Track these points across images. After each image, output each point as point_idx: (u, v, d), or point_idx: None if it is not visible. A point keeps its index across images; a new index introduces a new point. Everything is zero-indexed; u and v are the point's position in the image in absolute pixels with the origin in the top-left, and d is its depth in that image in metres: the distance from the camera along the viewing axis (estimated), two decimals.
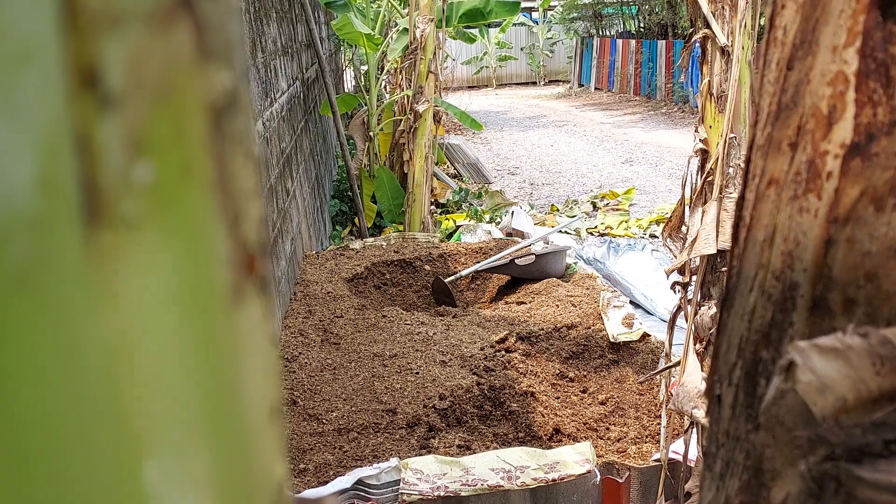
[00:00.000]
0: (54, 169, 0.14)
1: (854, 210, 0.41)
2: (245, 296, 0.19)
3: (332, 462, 2.23)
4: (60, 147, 0.14)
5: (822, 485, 0.40)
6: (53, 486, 0.16)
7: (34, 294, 0.14)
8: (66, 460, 0.16)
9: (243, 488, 0.22)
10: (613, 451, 2.30)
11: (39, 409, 0.15)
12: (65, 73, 0.14)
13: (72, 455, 0.16)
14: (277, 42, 4.00)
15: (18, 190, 0.13)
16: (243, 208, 0.18)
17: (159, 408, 0.17)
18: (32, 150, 0.14)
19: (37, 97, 0.14)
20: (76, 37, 0.14)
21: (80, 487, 0.16)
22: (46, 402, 0.15)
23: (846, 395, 0.39)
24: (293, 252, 3.73)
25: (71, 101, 0.14)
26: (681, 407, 1.50)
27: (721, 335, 0.52)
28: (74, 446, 0.16)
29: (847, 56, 0.40)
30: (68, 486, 0.16)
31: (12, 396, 0.14)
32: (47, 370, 0.15)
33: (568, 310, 3.33)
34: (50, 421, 0.15)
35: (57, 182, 0.14)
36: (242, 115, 0.18)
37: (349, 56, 8.90)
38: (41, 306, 0.14)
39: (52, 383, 0.15)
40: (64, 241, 0.14)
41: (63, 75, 0.14)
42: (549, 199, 7.42)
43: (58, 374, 0.15)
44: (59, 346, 0.15)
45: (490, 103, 15.98)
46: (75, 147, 0.14)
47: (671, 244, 1.89)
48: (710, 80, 1.69)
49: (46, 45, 0.14)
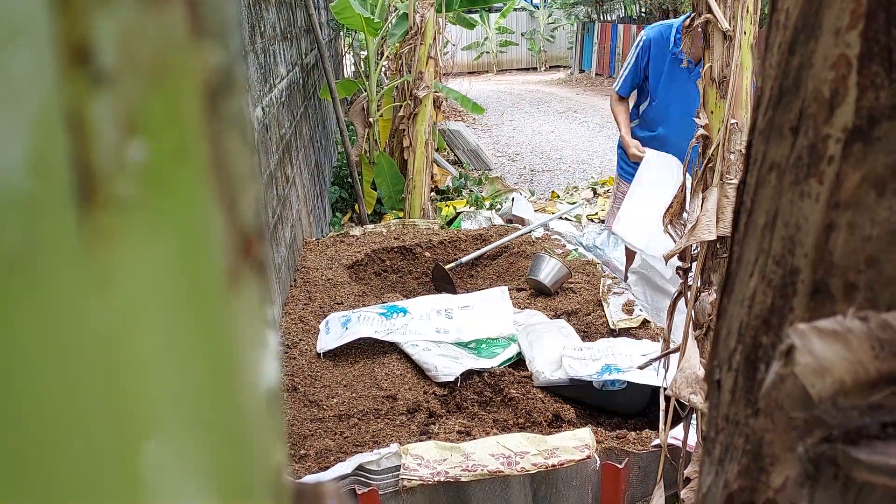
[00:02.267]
0: (46, 148, 0.14)
1: (855, 195, 0.40)
2: (242, 279, 0.18)
3: (333, 448, 2.24)
4: (52, 126, 0.14)
5: (818, 467, 0.41)
6: (50, 473, 0.16)
7: (27, 276, 0.14)
8: (62, 446, 0.16)
9: (241, 473, 0.22)
10: (613, 437, 2.31)
11: (35, 394, 0.15)
12: (55, 51, 0.14)
13: (68, 441, 0.16)
14: (276, 27, 3.97)
15: (10, 170, 0.13)
16: (240, 190, 0.18)
17: (156, 392, 0.17)
18: (23, 129, 0.13)
19: (27, 75, 0.13)
20: (67, 13, 0.14)
21: (77, 473, 0.16)
22: (42, 387, 0.15)
23: (844, 378, 0.39)
24: (293, 239, 3.73)
25: (62, 79, 0.14)
26: (679, 392, 1.51)
27: (721, 320, 0.52)
28: (71, 432, 0.16)
29: (850, 39, 0.40)
30: (65, 472, 0.16)
31: (7, 381, 0.14)
32: (42, 354, 0.14)
33: (568, 296, 3.33)
34: (46, 406, 0.15)
35: (49, 162, 0.14)
36: (238, 96, 0.18)
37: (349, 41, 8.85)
38: (35, 288, 0.14)
39: (48, 367, 0.15)
40: (57, 221, 0.14)
41: (54, 53, 0.14)
42: (549, 186, 7.41)
43: (53, 357, 0.15)
44: (54, 330, 0.14)
45: (490, 89, 15.92)
46: (67, 126, 0.14)
47: (672, 230, 1.88)
48: (712, 65, 1.68)
49: (36, 22, 0.13)
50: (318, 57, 5.85)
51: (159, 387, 0.17)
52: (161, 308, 0.16)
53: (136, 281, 0.16)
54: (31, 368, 0.14)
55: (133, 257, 0.15)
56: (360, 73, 6.55)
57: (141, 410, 0.17)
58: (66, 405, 0.15)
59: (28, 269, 0.14)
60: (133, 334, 0.16)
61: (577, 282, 3.46)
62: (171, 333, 0.17)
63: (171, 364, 0.17)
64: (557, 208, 5.92)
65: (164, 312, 0.16)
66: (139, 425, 0.17)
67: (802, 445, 0.42)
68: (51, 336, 0.14)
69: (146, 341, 0.16)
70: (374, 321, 2.90)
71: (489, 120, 11.69)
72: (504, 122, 11.72)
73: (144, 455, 0.17)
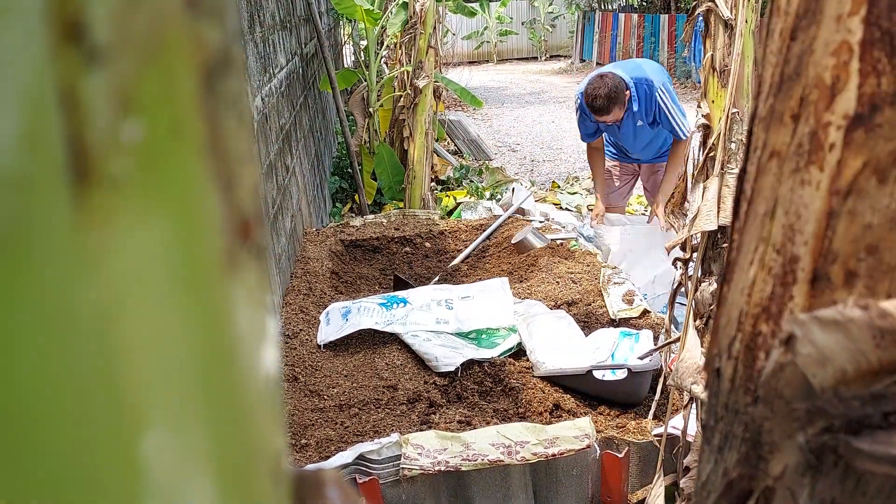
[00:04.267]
0: (38, 125, 0.13)
1: (856, 182, 0.40)
2: (241, 263, 0.18)
3: (334, 437, 2.24)
4: (45, 103, 0.13)
5: (820, 456, 0.41)
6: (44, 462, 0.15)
7: (19, 254, 0.14)
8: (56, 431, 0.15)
9: (241, 458, 0.22)
10: (613, 426, 2.31)
11: (27, 377, 0.14)
12: (47, 26, 0.13)
13: (63, 425, 0.15)
14: (276, 16, 3.96)
15: (1, 146, 0.13)
16: (237, 172, 0.18)
17: (154, 376, 0.17)
18: (15, 105, 0.13)
19: (18, 50, 0.13)
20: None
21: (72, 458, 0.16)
22: (34, 371, 0.14)
23: (846, 368, 0.39)
24: (293, 229, 3.73)
25: (54, 55, 0.14)
26: (680, 382, 1.51)
27: (721, 309, 0.51)
28: (66, 416, 0.15)
29: (851, 25, 0.40)
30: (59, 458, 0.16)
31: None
32: (34, 335, 0.14)
33: (569, 287, 3.33)
34: (38, 390, 0.15)
35: (42, 139, 0.13)
36: (235, 76, 0.18)
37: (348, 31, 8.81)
38: (27, 267, 0.14)
39: (40, 349, 0.14)
40: (50, 200, 0.14)
41: (46, 28, 0.13)
42: (549, 176, 7.39)
43: (46, 339, 0.14)
44: (48, 311, 0.14)
45: (491, 79, 15.86)
46: (60, 103, 0.14)
47: (674, 220, 1.88)
48: (713, 54, 1.67)
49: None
50: (317, 46, 5.82)
51: (156, 370, 0.17)
52: (157, 289, 0.16)
53: (131, 261, 0.15)
54: (23, 350, 0.14)
55: (128, 237, 0.15)
56: (359, 62, 6.53)
57: (137, 394, 0.16)
58: (60, 389, 0.15)
59: (20, 248, 0.14)
60: (129, 316, 0.16)
61: (578, 272, 3.46)
62: (167, 316, 0.16)
63: (168, 347, 0.17)
64: (558, 198, 5.92)
65: (161, 294, 0.16)
66: (136, 409, 0.17)
67: (803, 435, 0.42)
68: (43, 316, 0.14)
69: (142, 323, 0.16)
70: (375, 312, 2.90)
71: (490, 110, 11.65)
72: (504, 111, 11.69)
73: (142, 441, 0.17)
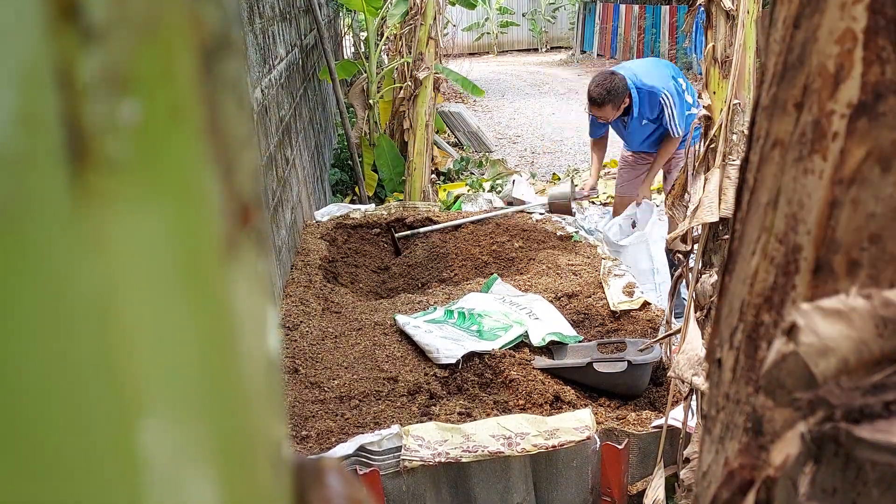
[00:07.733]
0: (35, 105, 0.13)
1: (859, 171, 0.40)
2: (240, 247, 0.18)
3: (335, 429, 2.25)
4: (41, 82, 0.13)
5: (821, 446, 0.40)
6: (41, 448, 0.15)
7: (17, 235, 0.13)
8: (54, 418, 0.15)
9: (241, 446, 0.21)
10: (613, 418, 2.32)
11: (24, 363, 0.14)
12: (44, 4, 0.13)
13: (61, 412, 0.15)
14: (275, 7, 3.94)
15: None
16: (237, 156, 0.17)
17: (153, 360, 0.16)
18: (10, 85, 0.13)
19: (13, 29, 0.13)
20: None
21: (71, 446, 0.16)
22: (31, 356, 0.14)
23: (848, 357, 0.38)
24: (293, 221, 3.73)
25: (51, 33, 0.13)
26: (681, 374, 1.51)
27: (722, 299, 0.51)
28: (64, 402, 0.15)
29: (856, 13, 0.39)
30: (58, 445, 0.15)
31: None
32: (32, 317, 0.14)
33: (569, 279, 3.33)
34: (36, 377, 0.15)
35: (38, 119, 0.13)
36: (234, 59, 0.17)
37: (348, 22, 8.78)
38: (24, 248, 0.14)
39: (37, 333, 0.14)
40: (47, 180, 0.14)
41: (42, 6, 0.13)
42: (550, 168, 7.38)
43: (42, 323, 0.14)
44: (45, 292, 0.14)
45: (491, 70, 15.81)
46: (57, 83, 0.13)
47: (675, 212, 1.88)
48: (715, 45, 1.66)
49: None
50: (317, 38, 5.80)
51: (155, 355, 0.17)
52: (156, 272, 0.16)
53: (129, 243, 0.15)
54: (19, 332, 0.14)
55: (126, 219, 0.15)
56: (359, 54, 6.51)
57: (136, 379, 0.16)
58: (58, 374, 0.15)
59: (16, 228, 0.14)
60: (127, 299, 0.15)
61: (578, 264, 3.46)
62: (166, 299, 0.16)
63: (168, 331, 0.17)
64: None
65: (160, 277, 0.16)
66: (135, 395, 0.16)
67: (805, 425, 0.41)
68: (41, 298, 0.14)
69: (141, 307, 0.16)
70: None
71: (490, 102, 11.62)
72: (505, 103, 11.66)
73: (141, 431, 0.17)
